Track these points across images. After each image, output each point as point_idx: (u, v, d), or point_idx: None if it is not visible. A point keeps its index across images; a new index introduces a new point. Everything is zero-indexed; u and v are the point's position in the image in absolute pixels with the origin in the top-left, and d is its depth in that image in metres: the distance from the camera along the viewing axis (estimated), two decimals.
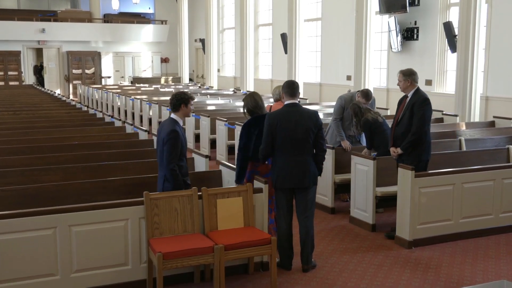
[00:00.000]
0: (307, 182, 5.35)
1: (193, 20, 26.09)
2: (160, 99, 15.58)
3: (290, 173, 5.30)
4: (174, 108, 5.36)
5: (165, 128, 5.22)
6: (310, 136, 5.32)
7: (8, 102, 14.85)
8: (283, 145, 5.28)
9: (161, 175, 5.29)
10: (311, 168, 5.36)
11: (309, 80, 17.52)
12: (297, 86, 5.52)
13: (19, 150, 7.40)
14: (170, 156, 5.11)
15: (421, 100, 6.08)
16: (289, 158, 5.29)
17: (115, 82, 26.31)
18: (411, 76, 6.22)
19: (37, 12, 26.68)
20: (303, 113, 5.37)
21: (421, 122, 6.03)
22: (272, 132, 5.28)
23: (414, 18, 13.33)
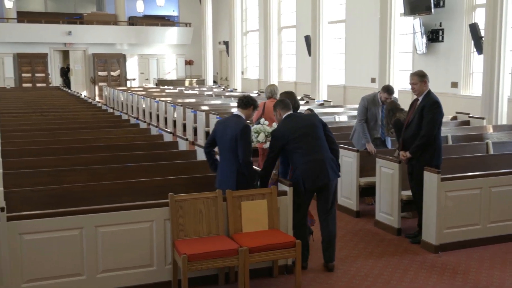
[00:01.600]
0: (332, 176, 5.39)
1: (217, 22, 26.18)
2: (184, 101, 15.67)
3: (314, 172, 5.32)
4: (244, 105, 5.57)
5: (236, 124, 5.40)
6: (320, 132, 5.44)
7: (35, 104, 15.07)
8: (299, 148, 5.34)
9: (232, 170, 5.39)
10: (332, 161, 5.43)
11: (333, 83, 17.45)
12: (288, 102, 5.68)
13: (46, 151, 7.50)
14: (247, 150, 5.31)
15: (431, 103, 6.01)
16: (309, 158, 5.33)
17: (140, 84, 26.52)
18: (426, 77, 6.17)
19: (64, 15, 27.05)
20: (304, 115, 5.66)
21: (430, 125, 5.96)
22: (279, 146, 5.41)
23: (439, 19, 13.19)
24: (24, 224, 4.53)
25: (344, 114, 11.81)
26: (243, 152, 5.32)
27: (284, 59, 21.56)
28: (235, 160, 5.37)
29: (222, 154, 5.55)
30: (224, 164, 5.51)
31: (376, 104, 7.75)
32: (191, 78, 26.87)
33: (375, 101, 7.76)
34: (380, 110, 7.76)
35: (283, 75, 21.46)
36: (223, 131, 5.49)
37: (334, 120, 11.13)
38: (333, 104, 14.10)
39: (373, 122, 7.78)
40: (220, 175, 5.56)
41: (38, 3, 28.35)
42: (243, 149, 5.32)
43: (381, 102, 7.73)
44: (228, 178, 5.43)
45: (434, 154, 6.07)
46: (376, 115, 7.75)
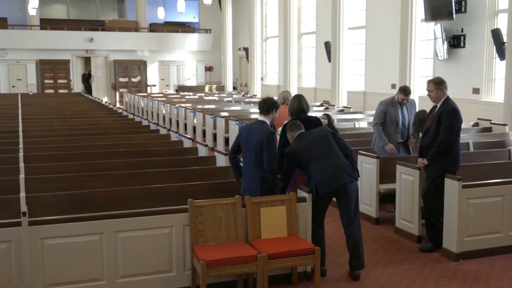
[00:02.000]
0: (347, 178, 5.31)
1: (237, 29, 26.28)
2: (204, 107, 15.73)
3: (328, 176, 5.28)
4: (266, 111, 5.60)
5: (261, 130, 5.42)
6: (330, 141, 5.46)
7: (57, 110, 15.24)
8: (312, 159, 5.34)
9: (256, 176, 5.44)
10: (346, 165, 5.38)
11: (353, 89, 17.39)
12: (299, 123, 5.67)
13: (68, 156, 7.58)
14: (272, 157, 5.35)
15: (449, 110, 5.97)
16: (322, 165, 5.32)
17: (160, 90, 26.71)
18: (443, 84, 6.11)
19: (86, 22, 27.37)
20: (313, 130, 5.62)
21: (448, 132, 5.92)
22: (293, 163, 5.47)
23: (460, 25, 13.08)
24: (45, 229, 4.58)
25: (364, 121, 11.76)
26: (268, 159, 5.33)
27: (304, 65, 21.55)
28: (259, 167, 5.40)
29: (246, 161, 5.57)
30: (248, 170, 5.54)
31: (395, 106, 7.70)
32: (211, 84, 26.99)
33: (394, 103, 7.72)
34: (400, 112, 7.70)
35: (302, 81, 21.44)
36: (248, 137, 5.51)
37: (354, 127, 11.08)
38: (353, 110, 14.04)
39: (394, 126, 7.71)
40: (244, 181, 5.59)
41: (61, 10, 28.73)
42: (269, 155, 5.33)
43: (399, 104, 7.68)
44: (252, 184, 5.46)
45: (450, 161, 6.02)
46: (396, 118, 7.68)
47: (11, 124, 11.41)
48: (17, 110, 14.53)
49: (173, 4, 25.81)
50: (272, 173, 5.37)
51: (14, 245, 4.51)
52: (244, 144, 5.57)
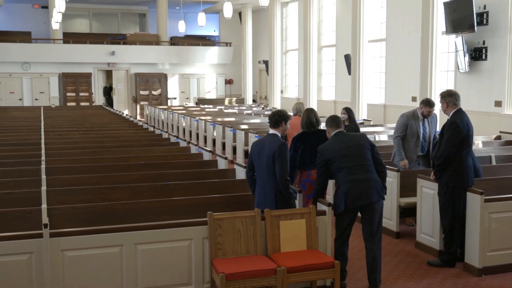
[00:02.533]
0: (376, 196, 5.31)
1: (257, 42, 26.39)
2: (224, 120, 15.79)
3: (357, 191, 5.26)
4: (275, 124, 5.63)
5: (273, 142, 5.45)
6: (367, 153, 5.37)
7: (79, 122, 15.41)
8: (343, 167, 5.30)
9: (270, 189, 5.45)
10: (376, 183, 5.34)
11: (373, 102, 17.32)
12: (340, 118, 5.67)
13: (88, 168, 7.65)
14: (284, 168, 5.36)
15: (449, 123, 5.97)
16: (353, 177, 5.28)
17: (181, 103, 26.87)
18: (447, 97, 6.09)
19: (108, 36, 27.71)
20: (353, 135, 5.59)
21: (446, 145, 5.89)
22: (326, 161, 5.38)
23: (482, 37, 12.98)
24: (66, 241, 4.61)
25: (384, 134, 11.69)
26: (280, 170, 5.34)
27: (324, 77, 21.53)
28: (272, 179, 5.40)
29: (259, 175, 5.56)
30: (261, 184, 5.53)
31: (416, 118, 7.63)
32: (231, 97, 27.09)
33: (415, 115, 7.65)
34: (421, 125, 7.63)
35: (322, 93, 21.42)
36: (260, 150, 5.53)
37: (374, 139, 11.02)
38: (373, 123, 13.97)
39: (414, 139, 7.64)
40: (258, 196, 5.59)
41: (84, 24, 29.16)
42: (281, 166, 5.34)
43: (422, 117, 7.62)
44: (267, 197, 5.45)
45: (455, 175, 5.93)
46: (417, 131, 7.60)
47: (34, 137, 11.56)
48: (40, 122, 14.72)
49: (194, 17, 26.04)
50: (284, 184, 5.37)
51: (35, 256, 4.54)
52: (256, 158, 5.58)
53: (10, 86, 25.38)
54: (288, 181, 5.41)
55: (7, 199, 5.87)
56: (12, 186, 6.54)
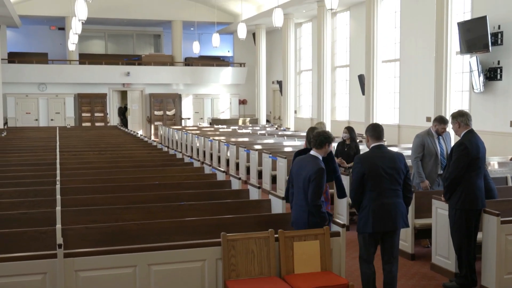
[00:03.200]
0: (401, 224, 5.32)
1: (270, 62, 26.52)
2: (237, 140, 15.81)
3: (384, 216, 5.25)
4: (319, 146, 5.59)
5: (311, 165, 5.44)
6: (401, 178, 5.32)
7: (94, 143, 15.52)
8: (375, 187, 5.26)
9: (304, 210, 5.45)
10: (403, 210, 5.34)
11: (387, 122, 17.27)
12: (382, 128, 5.54)
13: (103, 189, 7.68)
14: (317, 193, 5.33)
15: (457, 144, 5.94)
16: (382, 201, 5.26)
17: (195, 123, 27.00)
18: (458, 117, 6.06)
19: (123, 57, 28.02)
20: (392, 155, 5.40)
21: (453, 166, 5.86)
22: (363, 174, 5.29)
23: (497, 57, 12.94)
24: (80, 261, 4.61)
25: None
26: (311, 194, 5.34)
27: (338, 98, 21.54)
28: (307, 200, 5.42)
29: (296, 193, 5.61)
30: (297, 202, 5.58)
31: (432, 136, 7.58)
32: (245, 117, 27.16)
33: (430, 134, 7.60)
34: (437, 142, 7.58)
35: (336, 114, 21.42)
36: (299, 170, 5.59)
37: None
38: (387, 144, 13.90)
39: (433, 158, 7.56)
40: (293, 214, 5.64)
41: (99, 45, 29.51)
42: (312, 191, 5.34)
43: (437, 134, 7.57)
44: (301, 217, 5.47)
45: (463, 197, 5.86)
46: (434, 149, 7.53)
47: (49, 157, 11.66)
48: (55, 143, 14.85)
49: (208, 38, 26.25)
50: (315, 208, 5.36)
51: (49, 277, 4.55)
52: (295, 176, 5.63)
53: (27, 106, 25.70)
54: (318, 206, 5.35)
55: (23, 219, 5.91)
56: (28, 206, 6.60)
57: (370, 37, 15.77)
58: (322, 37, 18.83)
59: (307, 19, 23.40)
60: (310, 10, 20.54)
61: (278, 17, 15.42)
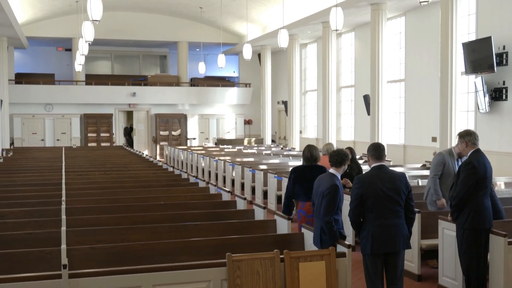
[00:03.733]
0: (402, 245, 5.28)
1: (276, 82, 26.63)
2: (243, 160, 15.81)
3: (384, 237, 5.22)
4: (337, 164, 5.74)
5: (327, 182, 5.53)
6: (402, 198, 5.28)
7: (99, 163, 15.55)
8: (375, 208, 5.23)
9: (318, 226, 5.52)
10: (404, 231, 5.30)
11: (392, 142, 17.26)
12: (383, 148, 5.53)
13: (108, 209, 7.68)
14: (328, 209, 5.41)
15: (465, 164, 5.93)
16: (382, 222, 5.23)
17: (200, 144, 27.04)
18: (466, 137, 6.06)
19: (129, 77, 28.20)
20: (393, 175, 5.35)
21: (461, 186, 5.83)
22: (361, 195, 5.27)
23: (502, 78, 12.95)
24: (84, 282, 4.59)
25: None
26: (323, 210, 5.44)
27: (343, 118, 21.57)
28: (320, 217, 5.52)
29: (316, 210, 5.72)
30: (315, 219, 5.69)
31: (453, 156, 7.50)
32: (250, 137, 27.20)
33: (451, 153, 7.55)
34: (456, 164, 7.50)
35: (341, 134, 21.42)
36: (317, 188, 5.70)
37: None
38: (393, 164, 13.89)
39: (451, 178, 7.47)
40: (314, 231, 5.73)
41: (106, 66, 29.73)
42: (325, 206, 5.41)
43: (457, 156, 7.49)
44: (317, 234, 5.56)
45: (471, 217, 5.81)
46: (453, 170, 7.42)
47: (55, 177, 11.68)
48: (61, 163, 14.89)
49: (214, 59, 26.43)
50: (325, 224, 5.40)
51: None
52: (315, 194, 5.73)
53: (33, 127, 25.85)
54: (329, 223, 5.36)
55: (28, 239, 5.91)
56: (33, 226, 6.61)
57: (375, 58, 15.83)
58: (327, 58, 18.91)
59: (312, 39, 23.53)
60: (315, 31, 20.67)
61: (284, 38, 15.51)
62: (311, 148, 7.28)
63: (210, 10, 23.36)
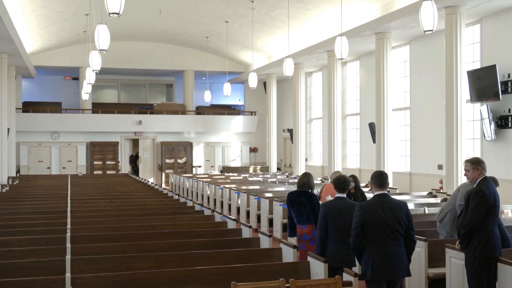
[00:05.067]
0: (402, 274, 5.32)
1: (281, 110, 26.72)
2: (248, 188, 15.78)
3: (384, 264, 5.25)
4: (341, 190, 6.29)
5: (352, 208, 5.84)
6: (402, 227, 5.33)
7: (105, 190, 15.55)
8: (375, 236, 5.28)
9: None
10: (403, 258, 5.33)
11: (398, 170, 17.22)
12: (386, 177, 5.57)
13: (113, 237, 7.66)
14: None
15: (475, 191, 5.85)
16: (382, 250, 5.27)
17: (205, 171, 27.04)
18: (480, 164, 6.00)
19: (135, 106, 28.36)
20: (394, 204, 5.40)
21: (472, 214, 5.76)
22: (362, 223, 5.32)
23: (508, 105, 12.96)
24: None
25: (410, 202, 11.53)
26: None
27: (348, 146, 21.57)
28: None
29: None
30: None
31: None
32: (255, 165, 27.18)
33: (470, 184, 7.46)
34: None
35: (347, 162, 21.39)
36: (340, 214, 6.09)
37: None
38: (399, 192, 13.83)
39: None
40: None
41: (112, 94, 29.94)
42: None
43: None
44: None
45: (481, 245, 5.76)
46: None
47: (61, 205, 11.68)
48: (67, 190, 14.91)
49: (220, 87, 26.60)
50: None
51: None
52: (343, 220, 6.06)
53: (39, 155, 25.94)
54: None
55: (33, 268, 5.90)
56: (38, 254, 6.60)
57: (380, 86, 15.89)
58: (333, 86, 19.00)
59: (317, 68, 23.68)
60: (320, 59, 20.81)
61: (289, 67, 15.61)
62: (301, 175, 7.71)
63: (216, 39, 23.60)
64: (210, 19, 20.73)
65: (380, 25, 15.03)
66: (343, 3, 14.19)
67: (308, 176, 7.61)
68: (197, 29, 22.71)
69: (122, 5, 8.65)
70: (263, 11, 18.47)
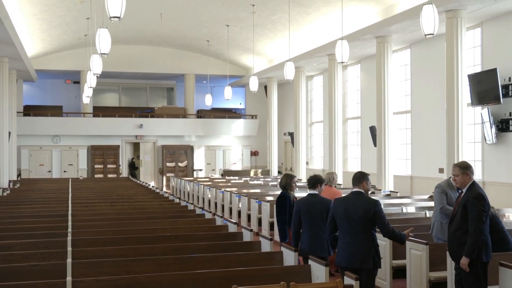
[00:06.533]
0: (356, 263, 5.72)
1: (282, 114, 26.73)
2: (249, 191, 15.77)
3: (345, 253, 5.80)
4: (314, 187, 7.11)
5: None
6: (361, 223, 5.76)
7: (106, 194, 15.55)
8: (341, 227, 5.91)
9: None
10: (364, 249, 5.74)
11: (399, 173, 17.22)
12: (360, 176, 6.04)
13: (114, 240, 7.65)
14: None
15: (474, 196, 5.70)
16: (346, 240, 5.84)
17: (206, 175, 27.04)
18: (469, 168, 5.91)
19: (136, 109, 28.38)
20: (363, 200, 5.87)
21: (477, 221, 5.62)
22: (332, 216, 6.03)
23: (508, 109, 12.97)
24: None
25: (411, 205, 11.54)
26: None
27: (349, 149, 21.56)
28: None
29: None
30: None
31: (452, 188, 7.43)
32: (256, 169, 27.18)
33: (450, 185, 7.47)
34: (457, 194, 7.42)
35: (348, 165, 21.39)
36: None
37: (401, 211, 10.87)
38: (400, 195, 13.82)
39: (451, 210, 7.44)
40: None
41: (113, 98, 29.96)
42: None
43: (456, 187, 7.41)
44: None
45: (481, 251, 5.68)
46: (454, 201, 7.38)
47: (61, 208, 11.68)
48: (68, 194, 14.91)
49: (221, 91, 26.64)
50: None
51: None
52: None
53: (40, 158, 25.95)
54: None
55: (33, 271, 5.88)
56: (39, 258, 6.58)
57: (381, 90, 15.90)
58: (333, 90, 19.01)
59: (318, 72, 23.69)
60: (321, 63, 20.83)
61: (290, 70, 15.62)
62: (284, 177, 8.25)
63: (217, 43, 23.63)
64: (211, 23, 20.76)
65: (381, 28, 15.05)
66: (343, 6, 14.21)
67: (287, 177, 8.18)
68: (198, 32, 22.74)
69: (123, 9, 8.65)
70: (263, 15, 18.49)
